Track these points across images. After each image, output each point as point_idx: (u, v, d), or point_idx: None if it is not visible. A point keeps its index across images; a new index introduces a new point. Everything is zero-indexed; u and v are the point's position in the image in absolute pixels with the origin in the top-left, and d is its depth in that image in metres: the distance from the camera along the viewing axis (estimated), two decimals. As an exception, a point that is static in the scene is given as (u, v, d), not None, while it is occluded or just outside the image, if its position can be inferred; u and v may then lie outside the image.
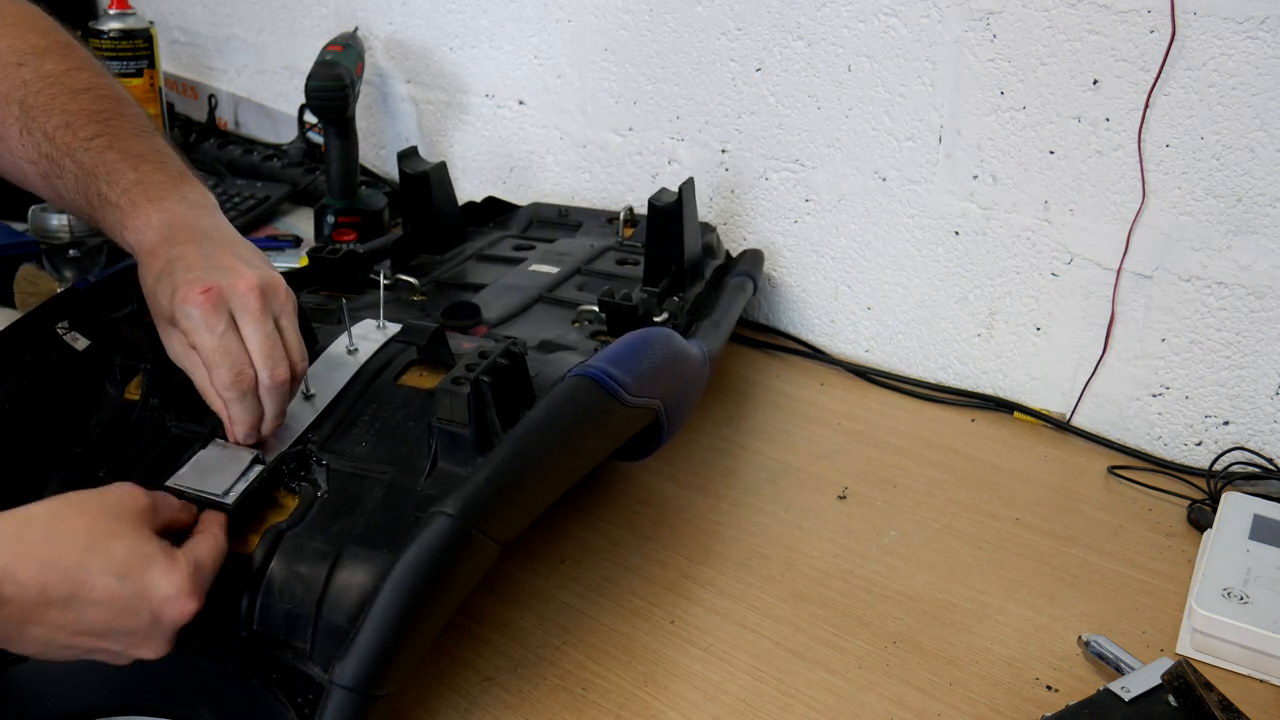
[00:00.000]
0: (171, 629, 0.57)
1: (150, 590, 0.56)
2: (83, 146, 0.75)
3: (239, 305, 0.67)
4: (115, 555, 0.56)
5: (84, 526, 0.56)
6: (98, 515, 0.57)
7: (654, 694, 0.70)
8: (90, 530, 0.56)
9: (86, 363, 0.77)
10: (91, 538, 0.56)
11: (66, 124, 0.76)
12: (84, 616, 0.55)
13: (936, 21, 0.99)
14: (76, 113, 0.76)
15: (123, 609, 0.56)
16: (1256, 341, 0.91)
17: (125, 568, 0.56)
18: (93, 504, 0.57)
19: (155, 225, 0.72)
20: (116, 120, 0.77)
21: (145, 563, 0.56)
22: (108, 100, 0.78)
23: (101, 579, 0.55)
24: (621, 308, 0.89)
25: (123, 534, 0.57)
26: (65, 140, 0.75)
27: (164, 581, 0.56)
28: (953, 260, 1.06)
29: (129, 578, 0.56)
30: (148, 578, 0.56)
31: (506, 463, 0.64)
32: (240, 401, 0.67)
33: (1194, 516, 0.88)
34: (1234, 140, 0.87)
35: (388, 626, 0.57)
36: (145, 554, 0.57)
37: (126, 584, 0.56)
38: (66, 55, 0.80)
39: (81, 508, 0.57)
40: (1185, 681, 0.64)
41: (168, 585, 0.56)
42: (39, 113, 0.76)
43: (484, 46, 1.36)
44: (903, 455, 0.98)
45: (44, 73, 0.78)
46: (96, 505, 0.57)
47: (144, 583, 0.56)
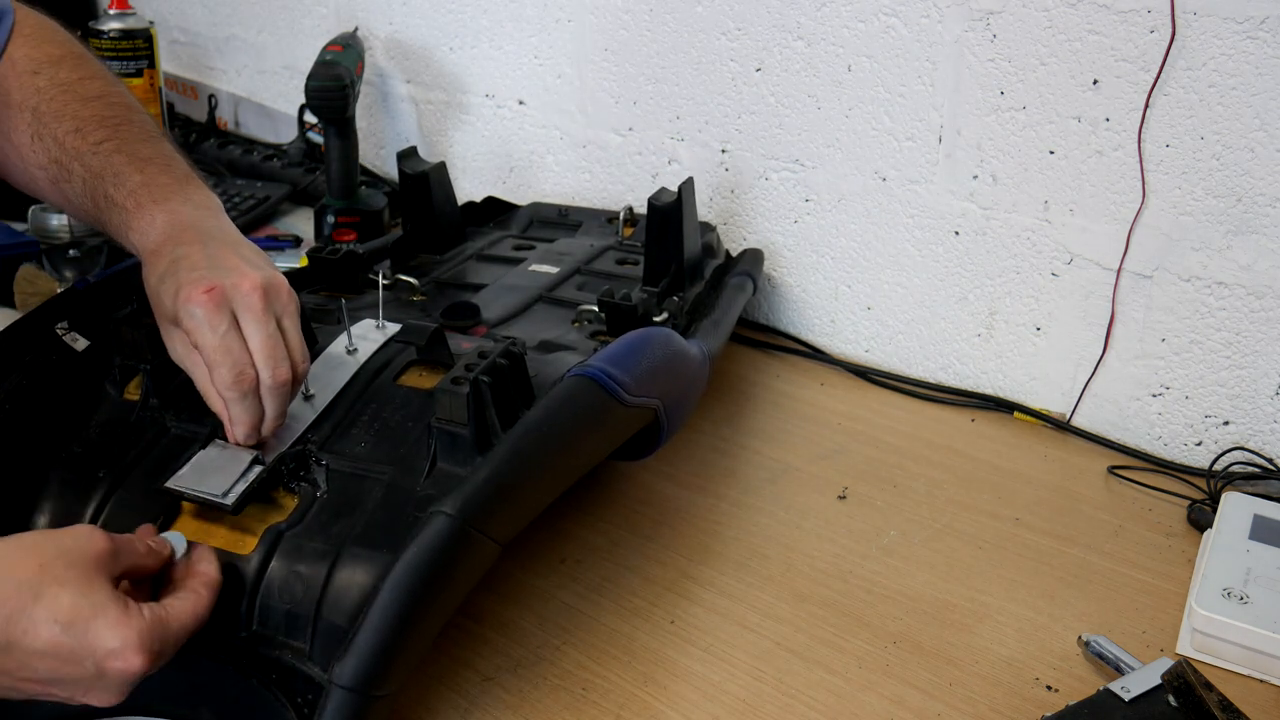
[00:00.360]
0: (119, 682, 0.55)
1: (95, 642, 0.53)
2: (91, 150, 0.76)
3: (242, 305, 0.67)
4: (62, 604, 0.53)
5: (33, 572, 0.54)
6: (50, 560, 0.54)
7: (654, 694, 0.70)
8: (39, 576, 0.54)
9: (86, 363, 0.77)
10: (40, 584, 0.53)
11: (77, 129, 0.77)
12: (26, 664, 0.53)
13: (936, 21, 0.99)
14: (87, 118, 0.77)
15: (66, 659, 0.53)
16: (1256, 341, 0.91)
17: (71, 617, 0.53)
18: (47, 547, 0.55)
19: (160, 226, 0.73)
20: (125, 126, 0.78)
21: (92, 613, 0.54)
22: (118, 107, 0.79)
23: (45, 627, 0.53)
24: (621, 308, 0.89)
25: (73, 582, 0.54)
26: (75, 145, 0.76)
27: (110, 634, 0.54)
28: (953, 260, 1.06)
29: (74, 628, 0.53)
30: (93, 629, 0.53)
31: (506, 463, 0.64)
32: (241, 401, 0.67)
33: (1194, 516, 0.88)
34: (1234, 140, 0.87)
35: (387, 626, 0.57)
36: (94, 604, 0.54)
37: (70, 634, 0.53)
38: (79, 65, 0.81)
39: (33, 551, 0.55)
40: (1185, 681, 0.64)
41: (113, 639, 0.54)
42: (50, 119, 0.78)
43: (484, 46, 1.36)
44: (903, 455, 0.98)
45: (57, 81, 0.79)
46: (51, 549, 0.55)
47: (89, 634, 0.53)
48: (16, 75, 0.80)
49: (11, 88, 0.80)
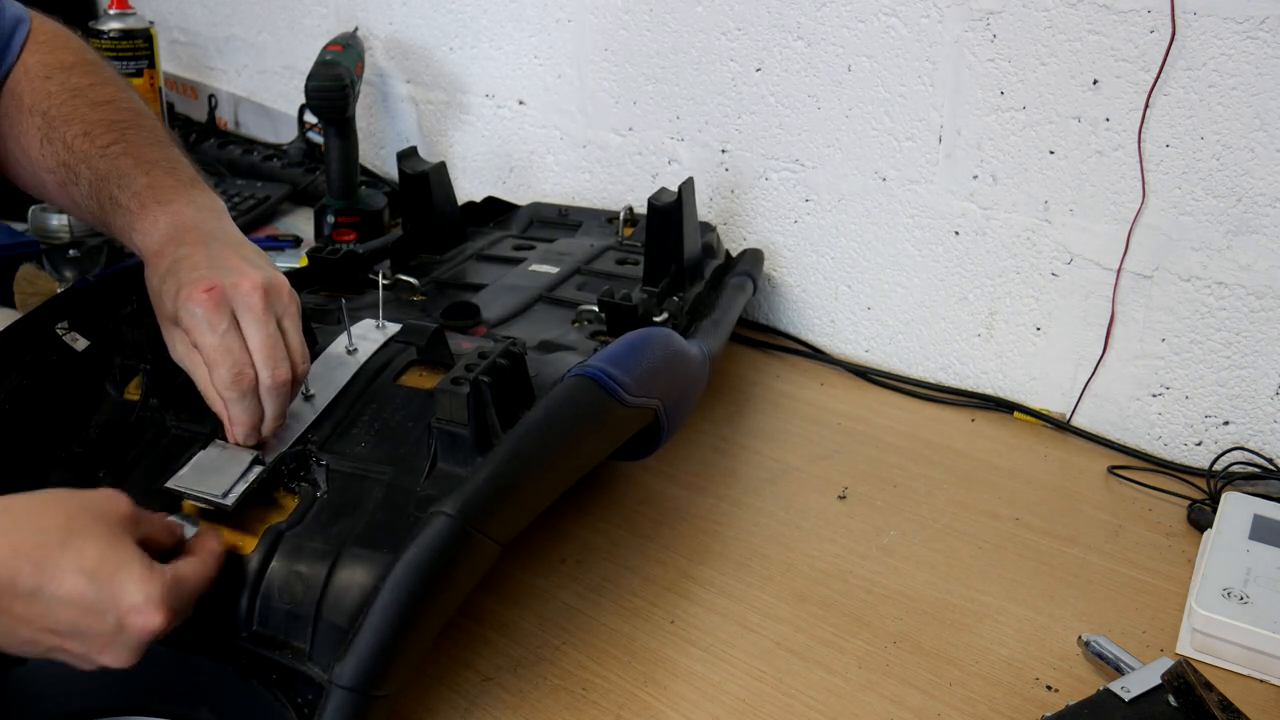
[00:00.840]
0: (137, 639, 0.55)
1: (119, 595, 0.54)
2: (99, 153, 0.77)
3: (242, 305, 0.67)
4: (88, 554, 0.54)
5: (61, 522, 0.55)
6: (76, 513, 0.56)
7: (654, 694, 0.70)
8: (66, 526, 0.55)
9: (86, 363, 0.77)
10: (67, 534, 0.54)
11: (85, 133, 0.78)
12: (49, 612, 0.54)
13: (936, 21, 0.99)
14: (96, 122, 0.78)
15: (88, 610, 0.54)
16: (1256, 341, 0.91)
17: (96, 568, 0.54)
18: (73, 502, 0.56)
19: (163, 227, 0.73)
20: (133, 130, 0.79)
21: (117, 566, 0.55)
22: (127, 112, 0.80)
23: (71, 576, 0.54)
24: (621, 308, 0.89)
25: (99, 535, 0.55)
26: (83, 148, 0.77)
27: (134, 589, 0.54)
28: (953, 260, 1.06)
29: (98, 578, 0.54)
30: (118, 582, 0.54)
31: (506, 463, 0.64)
32: (240, 401, 0.67)
33: (1194, 516, 0.88)
34: (1234, 140, 0.87)
35: (387, 627, 0.57)
36: (119, 558, 0.55)
37: (95, 585, 0.54)
38: (91, 72, 0.82)
39: (61, 504, 0.56)
40: (1185, 681, 0.64)
41: (137, 593, 0.54)
42: (60, 123, 0.79)
43: (484, 46, 1.36)
44: (903, 455, 0.98)
45: (69, 86, 0.80)
46: (77, 504, 0.56)
47: (113, 587, 0.54)
48: (29, 81, 0.81)
49: (24, 92, 0.81)
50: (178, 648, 0.63)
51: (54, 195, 0.82)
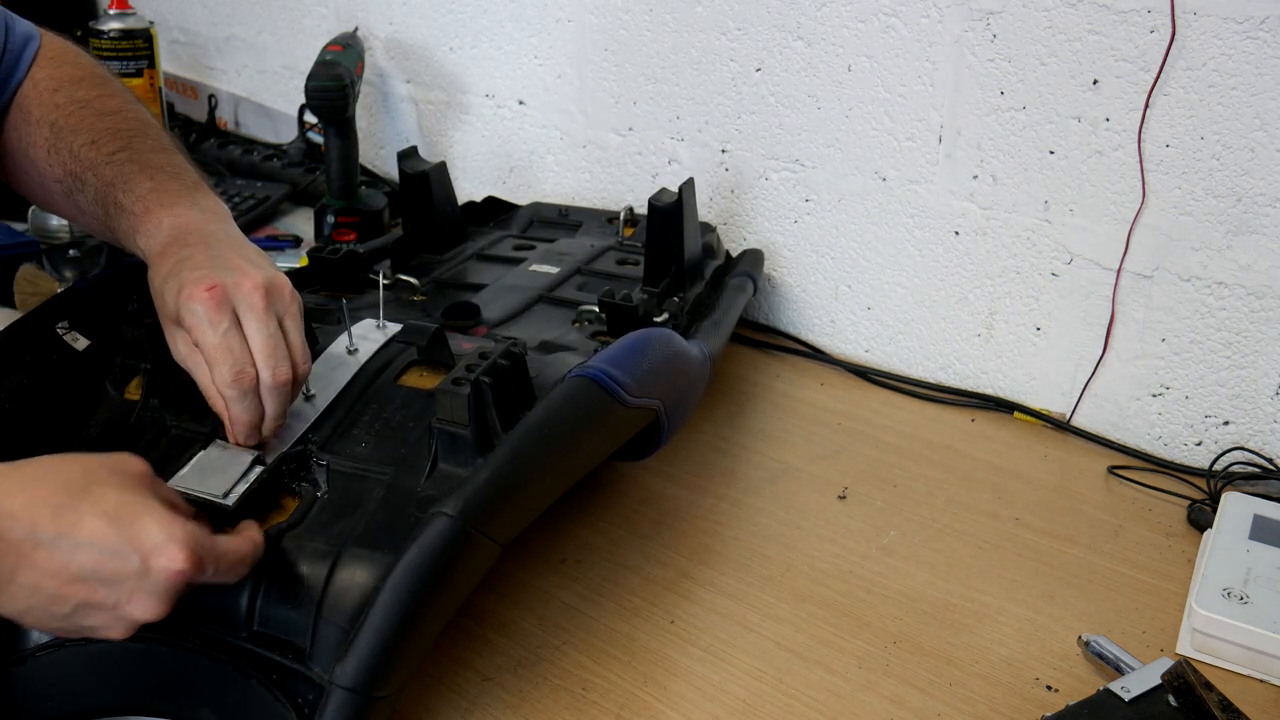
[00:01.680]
0: (164, 582, 0.55)
1: (140, 535, 0.55)
2: (105, 161, 0.78)
3: (243, 304, 0.68)
4: (108, 499, 0.55)
5: (79, 474, 0.56)
6: (94, 467, 0.57)
7: (654, 694, 0.70)
8: (85, 477, 0.56)
9: (86, 363, 0.77)
10: (86, 483, 0.56)
11: (92, 141, 0.79)
12: (73, 558, 0.54)
13: (936, 21, 0.99)
14: (102, 131, 0.79)
15: (111, 552, 0.54)
16: (1256, 341, 0.91)
17: (117, 510, 0.55)
18: (91, 459, 0.58)
19: (166, 229, 0.74)
20: (139, 138, 0.80)
21: (138, 509, 0.55)
22: (132, 121, 0.81)
23: (90, 519, 0.54)
24: (622, 308, 0.89)
25: (118, 485, 0.56)
26: (89, 156, 0.78)
27: (155, 528, 0.55)
28: (953, 260, 1.06)
29: (119, 520, 0.55)
30: (139, 523, 0.55)
31: (506, 463, 0.64)
32: (240, 401, 0.67)
33: (1194, 516, 0.88)
34: (1234, 140, 0.87)
35: (388, 627, 0.57)
36: (139, 503, 0.56)
37: (115, 526, 0.54)
38: (98, 85, 0.84)
39: (79, 459, 0.58)
40: (1185, 681, 0.64)
41: (158, 533, 0.55)
42: (68, 133, 0.80)
43: (484, 46, 1.36)
44: (903, 455, 0.98)
45: (76, 98, 0.82)
46: (95, 460, 0.58)
47: (134, 527, 0.55)
48: (38, 94, 0.82)
49: (32, 106, 0.82)
50: (178, 648, 0.63)
51: (60, 205, 0.83)
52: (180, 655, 0.63)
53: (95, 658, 0.63)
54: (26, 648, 0.63)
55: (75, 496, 0.55)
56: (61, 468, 0.57)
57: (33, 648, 0.63)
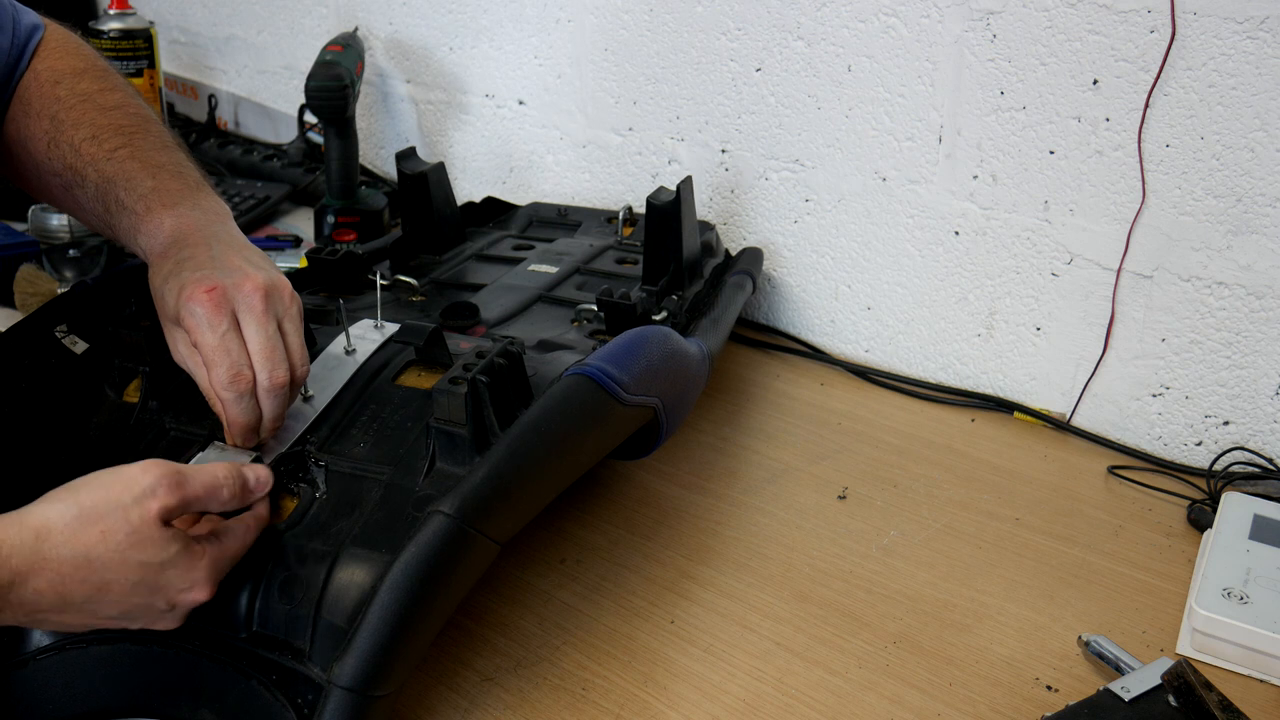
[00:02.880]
0: (185, 612, 0.60)
1: (167, 587, 0.58)
2: (106, 157, 0.77)
3: (243, 305, 0.68)
4: (132, 564, 0.57)
5: (98, 539, 0.56)
6: (114, 525, 0.56)
7: (654, 694, 0.70)
8: (104, 542, 0.56)
9: (85, 366, 0.77)
10: (109, 552, 0.56)
11: (93, 136, 0.78)
12: (101, 611, 0.57)
13: (936, 21, 0.99)
14: (103, 126, 0.79)
15: (140, 604, 0.58)
16: (1256, 341, 0.91)
17: (143, 573, 0.57)
18: (109, 514, 0.56)
19: (167, 230, 0.74)
20: (140, 135, 0.79)
21: (162, 566, 0.58)
22: (135, 117, 0.81)
23: (118, 585, 0.57)
24: (620, 306, 0.89)
25: (141, 545, 0.57)
26: (90, 152, 0.78)
27: (180, 578, 0.58)
28: (953, 260, 1.06)
29: (146, 580, 0.57)
30: (165, 577, 0.58)
31: (503, 462, 0.64)
32: (238, 402, 0.67)
33: (1194, 516, 0.88)
34: (1234, 140, 0.87)
35: (386, 627, 0.57)
36: (163, 559, 0.58)
37: (144, 585, 0.57)
38: (100, 78, 0.83)
39: (95, 518, 0.56)
40: (1185, 681, 0.64)
41: (184, 581, 0.59)
42: (68, 127, 0.79)
43: (484, 46, 1.36)
44: (903, 455, 0.97)
45: (77, 91, 0.81)
46: (114, 515, 0.57)
47: (162, 581, 0.58)
48: (39, 86, 0.82)
49: (32, 98, 0.81)
50: (179, 649, 0.63)
51: (59, 199, 0.83)
52: (181, 657, 0.63)
53: (97, 660, 0.63)
54: (28, 650, 0.63)
55: (101, 570, 0.56)
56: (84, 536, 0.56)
57: (34, 650, 0.63)
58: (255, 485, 0.64)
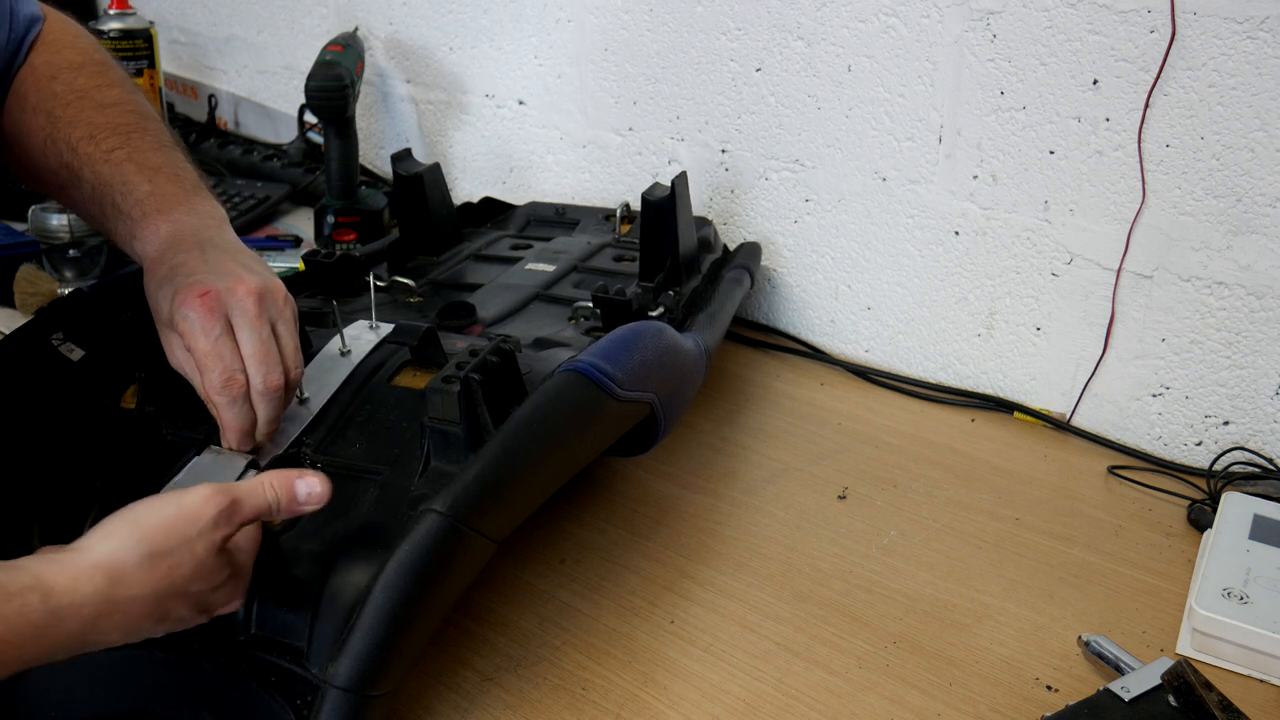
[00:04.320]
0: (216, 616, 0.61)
1: (210, 607, 0.59)
2: (103, 158, 0.77)
3: (236, 309, 0.68)
4: (194, 591, 0.57)
5: (167, 576, 0.56)
6: (182, 562, 0.56)
7: (654, 694, 0.70)
8: (173, 577, 0.56)
9: (82, 373, 0.77)
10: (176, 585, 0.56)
11: (90, 135, 0.78)
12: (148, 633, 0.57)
13: (936, 21, 0.99)
14: (101, 125, 0.78)
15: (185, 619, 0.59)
16: (1256, 341, 0.91)
17: (200, 599, 0.58)
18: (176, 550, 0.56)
19: (163, 235, 0.73)
20: (138, 134, 0.79)
21: (215, 590, 0.59)
22: (132, 115, 0.80)
23: (177, 612, 0.57)
24: (615, 303, 0.89)
25: (203, 575, 0.57)
26: (87, 151, 0.77)
27: (223, 600, 0.60)
28: (953, 260, 1.06)
29: (200, 603, 0.58)
30: (214, 598, 0.59)
31: (496, 459, 0.64)
32: (231, 406, 0.67)
33: (1194, 516, 0.88)
34: (1234, 140, 0.87)
35: (380, 626, 0.57)
36: (216, 583, 0.58)
37: (196, 606, 0.58)
38: (99, 73, 0.82)
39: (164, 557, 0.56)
40: (1185, 681, 0.64)
41: (224, 600, 0.60)
42: (65, 124, 0.78)
43: (484, 46, 1.36)
44: (903, 455, 0.97)
45: (75, 87, 0.80)
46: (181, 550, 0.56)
47: (209, 601, 0.59)
48: (35, 80, 0.81)
49: (29, 92, 0.81)
50: (179, 653, 0.63)
51: (57, 194, 0.83)
52: (180, 660, 0.63)
53: (98, 665, 0.63)
54: None
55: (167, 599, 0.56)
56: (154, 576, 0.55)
57: None
58: (307, 499, 0.61)
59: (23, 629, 0.50)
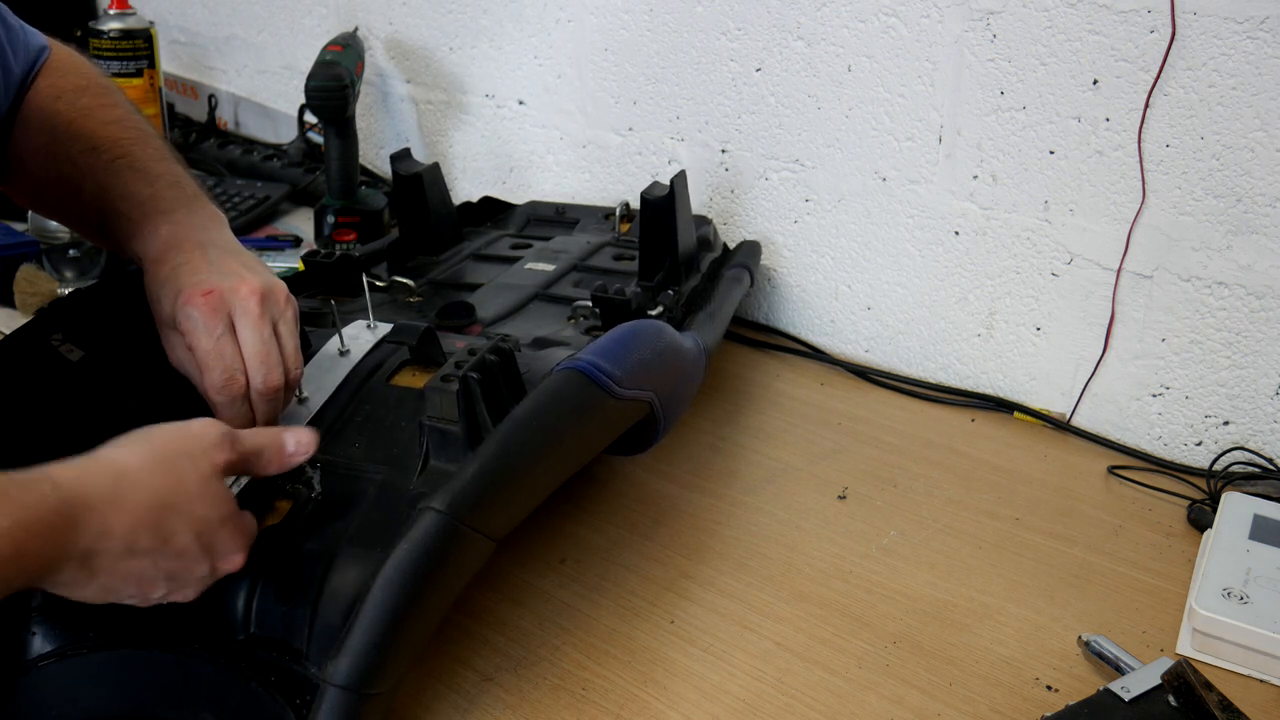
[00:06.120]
0: (215, 580, 0.60)
1: (217, 547, 0.59)
2: (103, 168, 0.78)
3: (239, 309, 0.68)
4: (198, 515, 0.58)
5: (172, 484, 0.57)
6: (187, 473, 0.58)
7: (654, 694, 0.69)
8: (178, 488, 0.57)
9: (82, 373, 0.77)
10: (180, 497, 0.57)
11: (91, 148, 0.78)
12: (155, 564, 0.57)
13: (936, 21, 0.99)
14: (102, 138, 0.79)
15: (191, 561, 0.58)
16: (1256, 341, 0.91)
17: (204, 527, 0.58)
18: (180, 461, 0.58)
19: (163, 235, 0.74)
20: (139, 146, 0.80)
21: (219, 524, 0.59)
22: (133, 130, 0.81)
23: (182, 536, 0.57)
24: (615, 302, 0.88)
25: (205, 495, 0.58)
26: (88, 163, 0.78)
27: (230, 542, 0.59)
28: (953, 260, 1.06)
29: (204, 535, 0.58)
30: (219, 537, 0.59)
31: (494, 457, 0.64)
32: (231, 405, 0.67)
33: (1194, 516, 0.88)
34: (1234, 140, 0.87)
35: (379, 624, 0.57)
36: (221, 515, 0.59)
37: (201, 541, 0.58)
38: (101, 95, 0.83)
39: (170, 464, 0.58)
40: (1185, 681, 0.64)
41: (231, 545, 0.59)
42: (66, 140, 0.79)
43: (484, 46, 1.36)
44: (903, 455, 0.97)
45: (78, 106, 0.81)
46: (185, 462, 0.58)
47: (215, 541, 0.59)
48: (39, 101, 0.82)
49: (31, 114, 0.81)
50: (179, 653, 0.63)
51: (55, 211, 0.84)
52: (181, 660, 0.63)
53: (98, 666, 0.63)
54: (30, 657, 0.63)
55: (171, 511, 0.57)
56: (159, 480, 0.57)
57: (36, 657, 0.63)
58: (295, 449, 0.63)
59: (39, 518, 0.52)
